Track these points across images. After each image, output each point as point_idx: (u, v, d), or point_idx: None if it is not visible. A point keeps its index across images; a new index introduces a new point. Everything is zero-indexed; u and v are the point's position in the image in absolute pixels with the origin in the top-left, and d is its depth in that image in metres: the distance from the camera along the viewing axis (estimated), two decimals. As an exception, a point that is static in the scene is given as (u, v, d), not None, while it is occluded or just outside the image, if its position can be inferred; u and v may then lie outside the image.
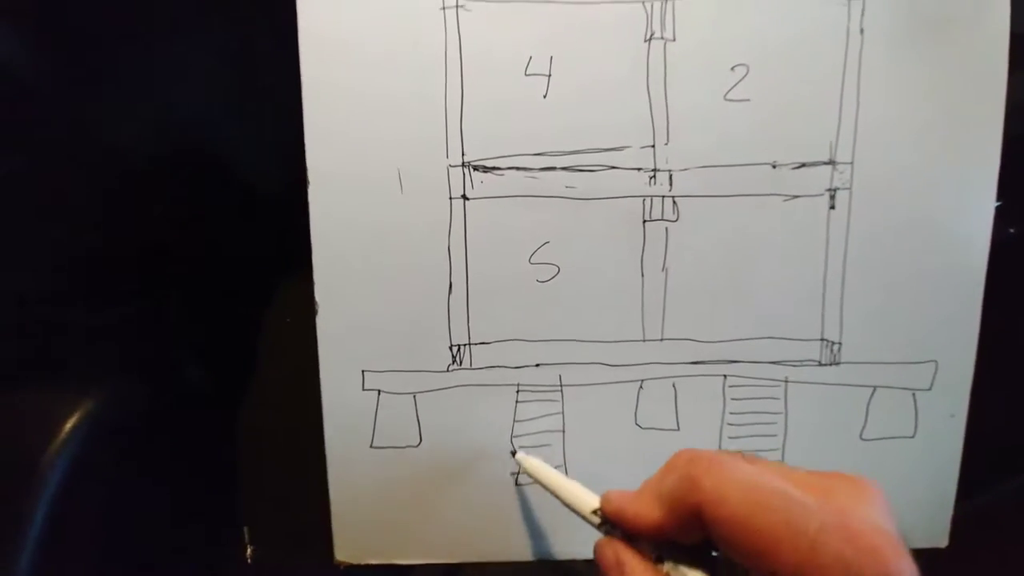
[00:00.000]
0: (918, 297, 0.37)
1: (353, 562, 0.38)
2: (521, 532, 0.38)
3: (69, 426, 0.35)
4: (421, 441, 0.37)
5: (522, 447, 0.37)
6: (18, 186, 0.37)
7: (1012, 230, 0.39)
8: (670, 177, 0.36)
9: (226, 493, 0.42)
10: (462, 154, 0.35)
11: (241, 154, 0.39)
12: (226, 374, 0.42)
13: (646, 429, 0.38)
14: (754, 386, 0.38)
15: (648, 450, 0.38)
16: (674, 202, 0.36)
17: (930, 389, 0.38)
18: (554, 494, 0.31)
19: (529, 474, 0.35)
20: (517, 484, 0.38)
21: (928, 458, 0.38)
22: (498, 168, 0.35)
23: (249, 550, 0.42)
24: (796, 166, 0.36)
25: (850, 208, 0.36)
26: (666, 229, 0.36)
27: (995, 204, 0.37)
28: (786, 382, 0.38)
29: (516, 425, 0.37)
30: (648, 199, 0.36)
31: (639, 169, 0.36)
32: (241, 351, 0.41)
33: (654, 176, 0.36)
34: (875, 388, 0.38)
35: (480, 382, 0.37)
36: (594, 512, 0.28)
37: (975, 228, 0.37)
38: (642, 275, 0.37)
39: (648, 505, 0.25)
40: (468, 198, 0.36)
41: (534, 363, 0.37)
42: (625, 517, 0.26)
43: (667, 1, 0.34)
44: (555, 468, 0.34)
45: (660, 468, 0.25)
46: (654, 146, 0.36)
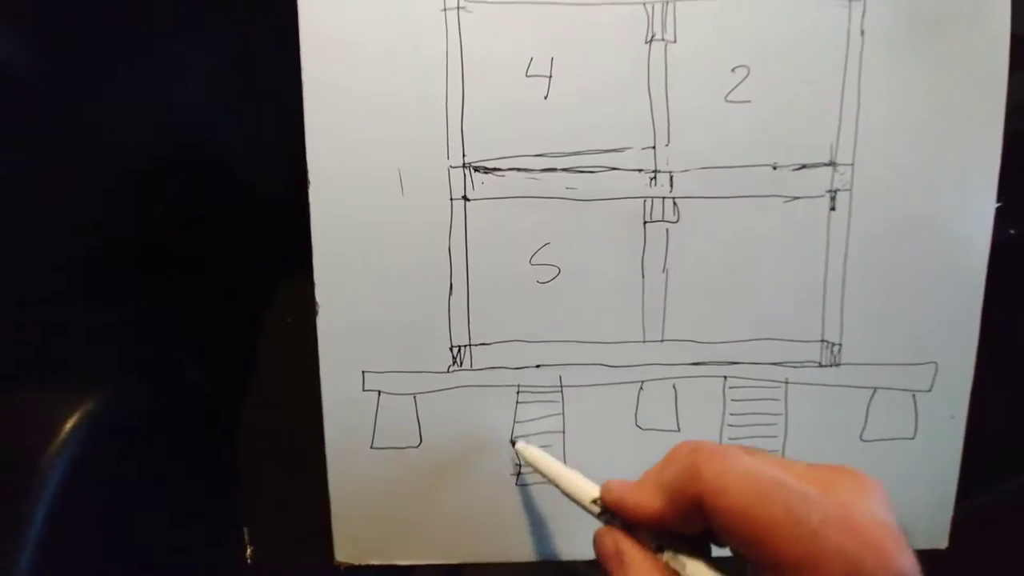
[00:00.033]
0: (918, 298, 0.37)
1: (353, 562, 0.38)
2: (522, 533, 0.38)
3: (69, 426, 0.35)
4: (421, 442, 0.37)
5: (523, 460, 0.37)
6: (18, 186, 0.37)
7: (1012, 231, 0.39)
8: (671, 178, 0.36)
9: (226, 493, 0.42)
10: (463, 155, 0.35)
11: (242, 154, 0.39)
12: (226, 374, 0.42)
13: (646, 430, 0.38)
14: (754, 387, 0.38)
15: (648, 451, 0.37)
16: (675, 203, 0.36)
17: (930, 390, 0.38)
18: (554, 483, 0.31)
19: (529, 463, 0.35)
20: (518, 485, 0.38)
21: (928, 459, 0.38)
22: (499, 169, 0.35)
23: (249, 550, 0.42)
24: (797, 167, 0.36)
25: (850, 209, 0.36)
26: (667, 230, 0.36)
27: (995, 205, 0.37)
28: (786, 383, 0.38)
29: (516, 426, 0.37)
30: (649, 200, 0.36)
31: (640, 170, 0.36)
32: (241, 351, 0.41)
33: (655, 177, 0.36)
34: (875, 389, 0.38)
35: (480, 383, 0.37)
36: (594, 502, 0.28)
37: (975, 229, 0.37)
38: (643, 276, 0.37)
39: (649, 495, 0.25)
40: (469, 199, 0.36)
41: (534, 364, 0.37)
42: (625, 506, 0.25)
43: (668, 3, 0.34)
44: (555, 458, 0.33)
45: (661, 459, 0.25)
46: (655, 147, 0.36)
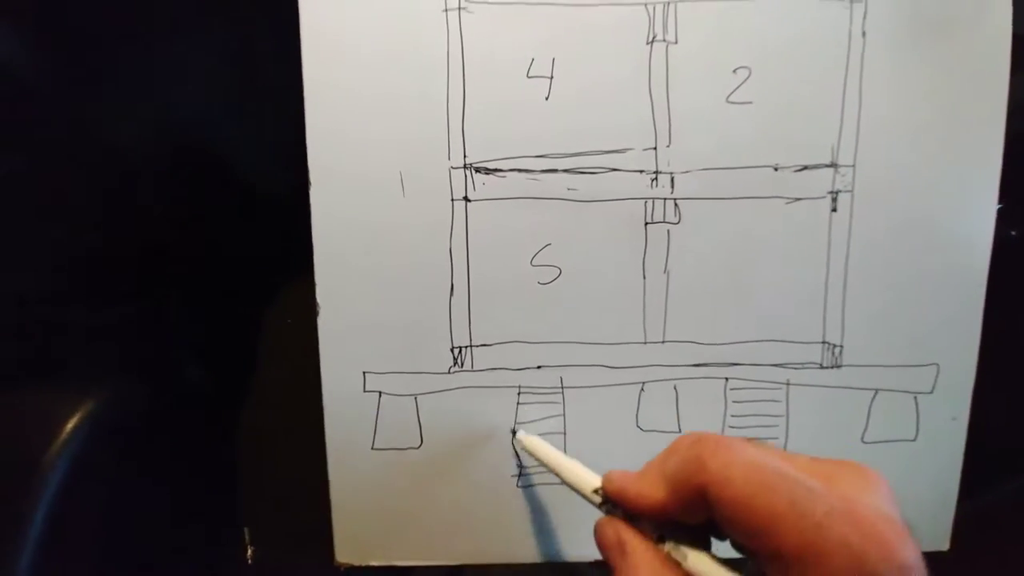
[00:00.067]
0: (920, 300, 0.37)
1: (354, 563, 0.38)
2: (523, 533, 0.38)
3: (70, 426, 0.35)
4: (422, 443, 0.37)
5: (524, 449, 0.37)
6: (18, 186, 0.37)
7: (1014, 232, 0.39)
8: (672, 179, 0.36)
9: (227, 494, 0.42)
10: (464, 156, 0.35)
11: (243, 155, 0.39)
12: (227, 375, 0.42)
13: (647, 431, 0.38)
14: (755, 389, 0.38)
15: (649, 452, 0.36)
16: (676, 204, 0.36)
17: (932, 392, 0.38)
18: (555, 473, 0.31)
19: (530, 453, 0.34)
20: (518, 486, 0.38)
21: (930, 461, 0.38)
22: (500, 170, 0.35)
23: (250, 551, 0.42)
24: (798, 168, 0.36)
25: (852, 211, 0.36)
26: (668, 231, 0.36)
27: (996, 206, 0.37)
28: (787, 385, 0.38)
29: (518, 427, 0.37)
30: (650, 201, 0.36)
31: (641, 171, 0.36)
32: (242, 352, 0.41)
33: (656, 178, 0.36)
34: (877, 391, 0.38)
35: (481, 384, 0.37)
36: (595, 491, 0.27)
37: (977, 231, 0.37)
38: (644, 277, 0.37)
39: (651, 485, 0.24)
40: (470, 200, 0.36)
41: (535, 365, 0.37)
42: (627, 496, 0.25)
43: (669, 4, 0.34)
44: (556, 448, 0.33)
45: (664, 449, 0.25)
46: (656, 148, 0.36)
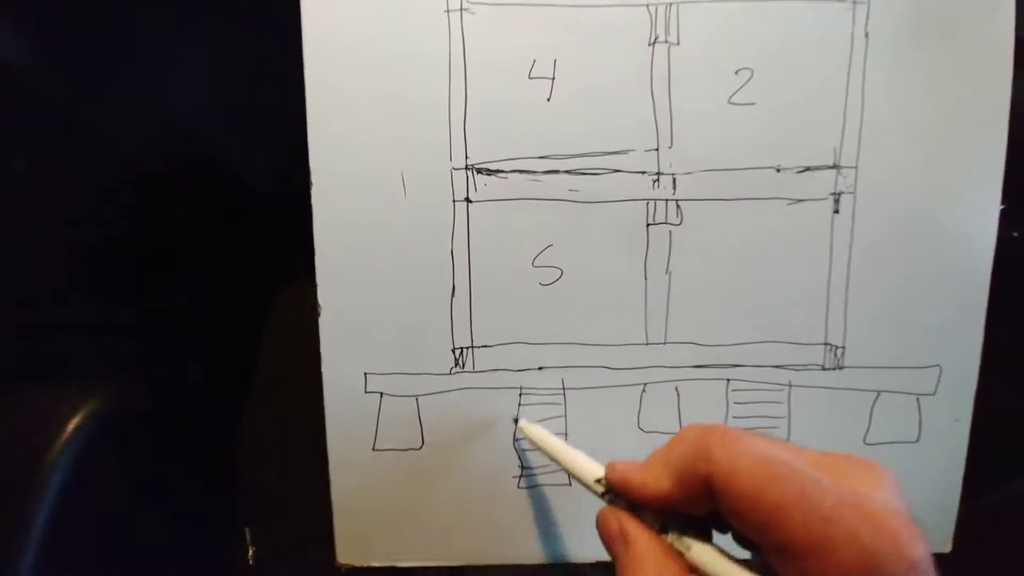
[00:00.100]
0: (922, 301, 0.37)
1: (355, 564, 0.38)
2: (524, 535, 0.38)
3: (72, 427, 0.35)
4: (423, 444, 0.37)
5: (525, 450, 0.37)
6: (18, 186, 0.37)
7: (1016, 233, 0.39)
8: (674, 181, 0.36)
9: (228, 495, 0.42)
10: (465, 157, 0.35)
11: (245, 155, 0.39)
12: (229, 376, 0.42)
13: (648, 432, 0.38)
14: (757, 390, 0.38)
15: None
16: (678, 206, 0.36)
17: (934, 394, 0.38)
18: (557, 462, 0.31)
19: (532, 442, 0.34)
20: (520, 487, 0.38)
21: (932, 463, 0.38)
22: (502, 171, 0.35)
23: (251, 551, 0.42)
24: (800, 170, 0.36)
25: (854, 212, 0.36)
26: (669, 233, 0.36)
27: (999, 207, 0.36)
28: (789, 386, 0.38)
29: (520, 416, 0.37)
30: (652, 203, 0.36)
31: (643, 172, 0.36)
32: (244, 352, 0.41)
33: (658, 180, 0.36)
34: (879, 392, 0.38)
35: (483, 385, 0.37)
36: (598, 481, 0.27)
37: (979, 232, 0.37)
38: (645, 279, 0.37)
39: (655, 475, 0.24)
40: (471, 201, 0.36)
41: (537, 366, 0.37)
42: (631, 486, 0.25)
43: (671, 5, 0.34)
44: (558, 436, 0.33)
45: (668, 440, 0.25)
46: (658, 149, 0.36)
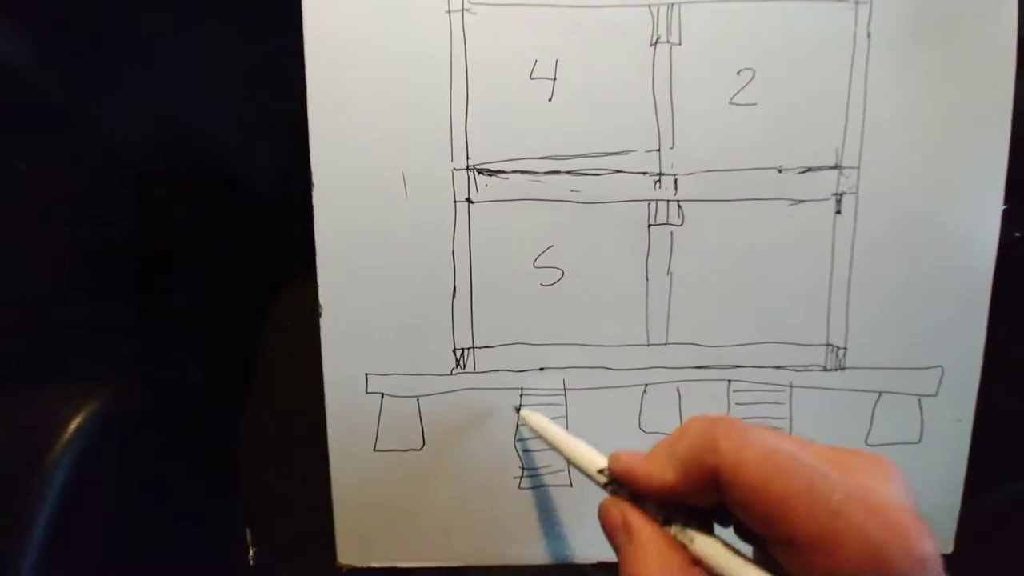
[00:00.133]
0: (924, 302, 0.37)
1: (356, 565, 0.38)
2: (524, 535, 0.38)
3: (73, 427, 0.35)
4: (424, 444, 0.37)
5: (526, 450, 0.37)
6: (18, 186, 0.37)
7: (1018, 234, 0.38)
8: (675, 181, 0.36)
9: (229, 495, 0.42)
10: (467, 157, 0.35)
11: (246, 155, 0.39)
12: (230, 376, 0.42)
13: (650, 433, 0.38)
14: (759, 391, 0.38)
15: None
16: (679, 206, 0.36)
17: (936, 395, 0.38)
18: (559, 452, 0.31)
19: (534, 431, 0.34)
20: (520, 488, 0.38)
21: (934, 463, 0.38)
22: (503, 172, 0.35)
23: (251, 552, 0.42)
24: (802, 170, 0.36)
25: (856, 213, 0.36)
26: (671, 233, 0.36)
27: (1002, 208, 0.36)
28: (791, 387, 0.38)
29: (520, 429, 0.37)
30: (653, 203, 0.36)
31: (644, 173, 0.36)
32: (245, 353, 0.41)
33: (659, 180, 0.36)
34: (880, 393, 0.38)
35: (484, 386, 0.37)
36: (601, 471, 0.27)
37: (981, 232, 0.37)
38: (647, 279, 0.37)
39: (660, 466, 0.24)
40: (473, 201, 0.35)
41: (538, 367, 0.37)
42: (635, 477, 0.25)
43: (673, 5, 0.34)
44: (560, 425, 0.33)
45: (673, 431, 0.24)
46: (659, 150, 0.35)
